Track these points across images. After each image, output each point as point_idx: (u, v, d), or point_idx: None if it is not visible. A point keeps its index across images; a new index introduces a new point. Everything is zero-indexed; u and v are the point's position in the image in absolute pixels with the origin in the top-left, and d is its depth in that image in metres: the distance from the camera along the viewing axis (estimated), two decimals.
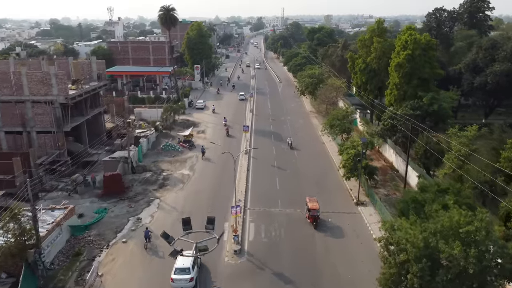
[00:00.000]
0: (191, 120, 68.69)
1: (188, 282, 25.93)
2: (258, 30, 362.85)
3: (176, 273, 26.22)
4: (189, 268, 26.22)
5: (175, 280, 26.02)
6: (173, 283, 26.09)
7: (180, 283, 25.99)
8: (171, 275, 26.27)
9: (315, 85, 72.64)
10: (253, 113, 73.99)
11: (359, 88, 60.63)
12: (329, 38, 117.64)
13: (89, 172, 44.66)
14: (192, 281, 26.03)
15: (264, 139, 58.79)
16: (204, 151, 51.85)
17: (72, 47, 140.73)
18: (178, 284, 26.04)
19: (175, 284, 26.08)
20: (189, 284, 25.96)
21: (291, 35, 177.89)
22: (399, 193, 41.50)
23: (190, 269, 26.21)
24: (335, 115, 50.65)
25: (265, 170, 47.09)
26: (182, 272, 26.18)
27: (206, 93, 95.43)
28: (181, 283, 25.98)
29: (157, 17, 78.95)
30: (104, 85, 54.89)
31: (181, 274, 26.12)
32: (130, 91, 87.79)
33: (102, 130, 56.48)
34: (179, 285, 26.03)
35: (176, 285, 26.07)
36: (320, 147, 55.94)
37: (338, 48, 79.17)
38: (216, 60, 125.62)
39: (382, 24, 57.36)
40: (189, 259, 26.20)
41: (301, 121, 70.33)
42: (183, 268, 26.26)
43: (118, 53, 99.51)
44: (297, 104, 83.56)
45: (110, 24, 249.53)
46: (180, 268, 26.33)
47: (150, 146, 53.80)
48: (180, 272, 26.20)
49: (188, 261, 26.40)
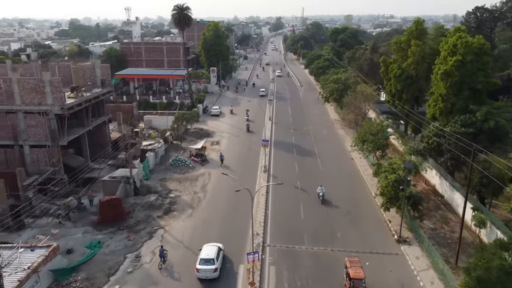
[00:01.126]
0: (204, 129, 62.92)
1: (213, 272, 27.04)
2: (277, 30, 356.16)
3: (201, 263, 27.27)
4: (213, 259, 27.36)
5: (200, 270, 27.08)
6: (198, 273, 27.12)
7: (204, 273, 27.05)
8: (196, 265, 27.25)
9: (341, 92, 65.96)
10: (273, 121, 67.80)
11: (392, 97, 53.73)
12: (353, 39, 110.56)
13: (86, 192, 39.33)
14: (216, 271, 27.15)
15: (285, 154, 52.50)
16: (222, 158, 48.39)
17: (86, 48, 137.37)
18: (203, 274, 27.10)
19: (200, 274, 27.13)
20: (213, 274, 27.07)
21: (311, 35, 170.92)
22: (448, 227, 34.78)
23: (214, 260, 27.36)
24: (367, 129, 43.99)
25: (287, 193, 40.84)
26: (206, 262, 27.23)
27: (222, 98, 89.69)
28: (206, 273, 27.04)
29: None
30: (109, 92, 49.55)
31: (206, 264, 27.16)
32: (142, 95, 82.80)
33: (106, 141, 51.19)
34: (204, 275, 27.09)
35: (201, 275, 27.12)
36: (349, 164, 49.37)
37: (367, 51, 72.22)
38: (233, 62, 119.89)
39: (421, 24, 50.41)
40: (213, 250, 28.14)
41: (325, 131, 63.77)
42: (207, 258, 27.35)
43: (131, 54, 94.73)
44: (320, 111, 76.97)
45: (127, 24, 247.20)
46: (205, 258, 27.43)
47: (158, 160, 48.19)
48: (204, 263, 27.25)
49: (213, 252, 27.88)
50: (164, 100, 76.98)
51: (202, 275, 27.11)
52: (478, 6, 74.42)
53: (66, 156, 45.83)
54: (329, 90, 67.14)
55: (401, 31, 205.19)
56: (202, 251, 28.18)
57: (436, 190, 41.53)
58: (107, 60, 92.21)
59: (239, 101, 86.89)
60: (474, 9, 74.16)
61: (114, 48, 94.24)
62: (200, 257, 27.72)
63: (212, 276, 27.06)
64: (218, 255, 28.11)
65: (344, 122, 67.57)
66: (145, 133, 59.29)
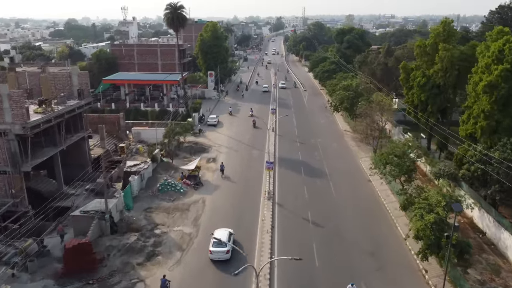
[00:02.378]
0: (200, 143, 55.99)
1: (225, 254, 28.65)
2: (277, 30, 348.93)
3: (214, 245, 28.79)
4: (225, 242, 28.55)
5: (213, 252, 28.74)
6: (211, 254, 28.80)
7: (217, 255, 28.69)
8: (209, 247, 28.93)
9: (352, 100, 59.09)
10: (276, 133, 60.90)
11: (415, 108, 46.85)
12: (360, 40, 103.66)
13: (54, 228, 32.53)
14: (228, 253, 28.70)
15: (292, 175, 45.61)
16: (223, 168, 44.58)
17: (78, 49, 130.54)
18: (216, 256, 28.74)
19: (213, 255, 28.79)
20: (225, 255, 28.68)
21: (314, 36, 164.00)
22: (500, 279, 27.92)
23: (226, 242, 28.61)
24: (391, 149, 37.07)
25: (296, 228, 33.99)
26: (219, 245, 28.51)
27: (220, 104, 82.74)
28: (218, 255, 28.68)
29: (163, 17, 66.94)
30: (88, 103, 42.63)
31: (218, 246, 28.62)
32: (133, 102, 75.94)
33: (86, 160, 44.34)
34: (217, 256, 28.73)
35: (214, 256, 28.77)
36: (367, 188, 42.50)
37: (380, 54, 65.35)
38: (233, 64, 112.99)
39: (449, 25, 43.60)
40: (225, 233, 29.67)
41: (335, 145, 56.87)
42: (220, 241, 27.97)
43: (122, 57, 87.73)
44: (328, 120, 70.05)
45: (124, 24, 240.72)
46: (217, 241, 28.30)
47: (144, 184, 41.27)
48: (217, 245, 28.61)
49: (225, 235, 29.34)
50: (156, 108, 70.08)
51: (215, 257, 28.77)
52: (502, 5, 67.74)
53: (36, 180, 39.05)
54: (338, 98, 60.25)
55: (406, 32, 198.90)
56: (215, 234, 29.23)
57: (475, 224, 34.70)
58: (96, 64, 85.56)
59: (239, 107, 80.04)
60: (498, 8, 67.44)
61: (104, 51, 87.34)
62: (213, 240, 28.87)
63: (224, 258, 28.72)
64: (230, 238, 29.60)
65: (355, 134, 60.68)
66: (133, 148, 52.44)
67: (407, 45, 66.54)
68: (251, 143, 56.10)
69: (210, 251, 28.90)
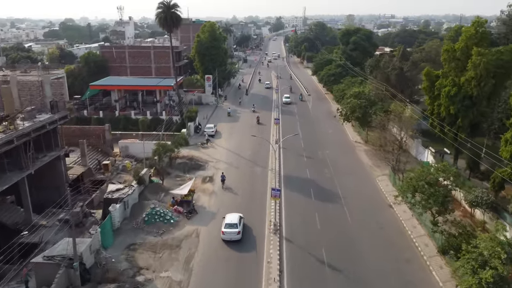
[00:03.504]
0: (195, 158, 49.88)
1: (236, 234, 31.07)
2: (277, 30, 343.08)
3: (226, 227, 31.28)
4: (236, 223, 31.54)
5: (226, 233, 31.13)
6: (224, 235, 31.17)
7: (229, 235, 31.10)
8: (222, 229, 31.30)
9: (364, 109, 53.13)
10: (280, 146, 54.90)
11: (441, 121, 40.85)
12: (367, 42, 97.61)
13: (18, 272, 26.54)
14: (239, 234, 31.17)
15: (300, 198, 39.57)
16: (224, 178, 41.65)
17: (69, 51, 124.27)
18: (228, 236, 31.13)
19: (225, 236, 31.15)
20: (236, 236, 31.08)
21: (316, 37, 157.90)
22: None
23: (237, 224, 31.54)
24: (421, 175, 30.99)
25: (309, 274, 27.96)
26: (231, 226, 31.31)
27: (219, 111, 76.73)
28: (230, 235, 31.10)
29: (155, 17, 60.88)
30: (63, 117, 36.54)
31: (230, 228, 31.23)
32: (123, 109, 69.93)
33: (62, 182, 38.38)
34: (229, 237, 31.12)
35: (226, 237, 31.15)
36: (388, 215, 36.51)
37: (394, 58, 59.34)
38: (232, 67, 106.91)
39: (483, 26, 37.64)
40: (236, 216, 32.49)
41: (346, 159, 50.84)
42: (231, 223, 31.45)
43: (113, 60, 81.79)
44: (336, 129, 64.00)
45: (120, 24, 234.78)
46: (229, 223, 31.48)
47: (128, 212, 35.19)
48: (229, 227, 31.29)
49: (236, 218, 32.12)
50: (148, 116, 64.02)
51: (227, 237, 30.98)
52: None
53: (1, 209, 33.06)
54: (349, 106, 54.20)
55: (411, 32, 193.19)
56: (226, 218, 32.07)
57: None
58: (85, 67, 79.56)
59: (238, 113, 74.07)
60: None
61: (93, 53, 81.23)
62: (225, 222, 31.61)
63: (235, 238, 30.94)
64: (240, 221, 32.05)
65: (368, 146, 54.78)
66: (119, 165, 46.38)
67: (424, 48, 60.63)
68: (253, 158, 50.07)
69: (222, 232, 31.22)
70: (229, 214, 33.37)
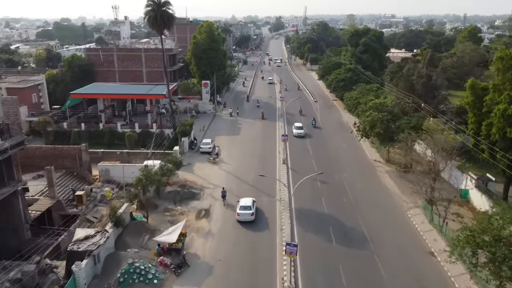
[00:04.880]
0: (189, 183, 41.92)
1: (250, 215, 34.06)
2: (277, 30, 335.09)
3: (241, 209, 34.31)
4: (250, 206, 34.74)
5: (241, 214, 34.07)
6: (239, 216, 34.10)
7: (244, 216, 34.03)
8: (237, 211, 34.43)
9: (387, 124, 45.41)
10: (288, 166, 47.15)
11: (492, 144, 33.11)
12: (377, 43, 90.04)
13: None
14: (253, 215, 34.17)
15: (318, 242, 31.75)
16: (225, 194, 38.24)
17: (58, 52, 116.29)
18: (242, 217, 34.02)
19: (240, 217, 34.09)
20: (250, 217, 34.10)
21: (320, 37, 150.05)
22: None
23: (251, 206, 34.73)
24: (483, 226, 23.17)
25: None
26: (245, 208, 34.35)
27: (217, 121, 69.06)
28: (245, 217, 34.04)
29: (143, 17, 53.02)
30: (18, 144, 28.65)
31: (245, 210, 34.25)
32: (110, 120, 62.13)
33: (20, 223, 30.59)
34: (243, 218, 34.02)
35: (241, 218, 34.04)
36: (430, 267, 28.73)
37: (419, 64, 51.55)
38: (231, 70, 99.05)
39: None
40: (249, 200, 35.70)
41: (368, 184, 43.04)
42: (245, 206, 34.58)
43: (100, 64, 73.91)
44: (350, 143, 56.24)
45: (115, 24, 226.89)
46: (243, 206, 34.59)
47: (100, 267, 27.32)
48: (244, 209, 34.32)
49: (249, 201, 35.33)
50: (137, 129, 56.17)
51: (242, 218, 34.05)
52: None
53: None
54: (369, 120, 46.42)
55: (417, 32, 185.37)
56: (241, 202, 35.28)
57: None
58: (69, 72, 71.72)
59: (239, 123, 66.37)
60: None
61: (78, 56, 73.26)
62: (240, 204, 34.82)
63: (249, 219, 34.06)
64: (253, 204, 35.21)
65: (391, 167, 47.11)
66: (96, 195, 38.53)
67: (455, 52, 53.01)
68: (258, 183, 42.20)
69: (237, 214, 34.10)
70: (243, 198, 36.29)
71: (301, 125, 59.18)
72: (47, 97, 67.16)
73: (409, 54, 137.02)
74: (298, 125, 58.44)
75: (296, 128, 57.68)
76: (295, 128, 57.64)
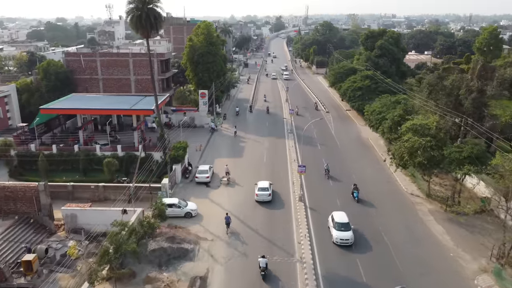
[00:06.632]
0: (179, 235, 32.02)
1: (268, 196, 37.54)
2: (278, 30, 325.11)
3: (259, 190, 37.82)
4: (267, 187, 38.11)
5: (259, 195, 37.61)
6: (257, 197, 37.68)
7: (262, 197, 37.55)
8: (255, 192, 37.87)
9: (430, 152, 35.72)
10: (306, 205, 37.46)
11: None
12: (395, 46, 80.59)
13: None
14: (270, 196, 37.68)
15: None
16: (229, 221, 32.63)
17: (42, 55, 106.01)
18: (261, 198, 37.54)
19: (258, 197, 37.62)
20: (268, 198, 37.58)
21: (326, 39, 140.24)
22: None
23: (268, 188, 38.12)
24: None
25: None
26: (263, 190, 37.84)
27: (216, 137, 59.45)
28: (263, 197, 37.54)
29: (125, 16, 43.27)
30: None
31: (263, 191, 37.71)
32: (90, 138, 52.40)
33: None
34: (261, 198, 37.54)
35: (259, 198, 37.58)
36: None
37: (466, 74, 41.80)
38: (231, 76, 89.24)
39: None
40: (267, 182, 38.97)
41: (410, 231, 33.31)
42: (263, 187, 38.06)
43: (81, 71, 64.05)
44: (376, 168, 46.61)
45: (109, 23, 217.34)
46: (261, 187, 38.06)
47: None
48: (262, 190, 37.82)
49: (267, 183, 38.76)
50: (119, 152, 46.38)
51: (260, 199, 37.56)
52: None
53: None
54: (407, 147, 36.64)
55: (427, 33, 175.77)
56: (259, 184, 38.63)
57: None
58: (44, 80, 61.90)
59: (243, 140, 56.68)
60: None
61: (55, 62, 63.39)
62: (258, 186, 38.22)
63: (267, 199, 37.53)
64: (270, 186, 38.49)
65: (433, 204, 37.55)
66: (53, 254, 28.74)
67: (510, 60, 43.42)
68: (269, 232, 32.59)
69: (256, 195, 37.69)
70: (261, 181, 39.41)
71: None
72: (17, 110, 57.43)
73: (422, 56, 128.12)
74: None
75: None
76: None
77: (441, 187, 41.07)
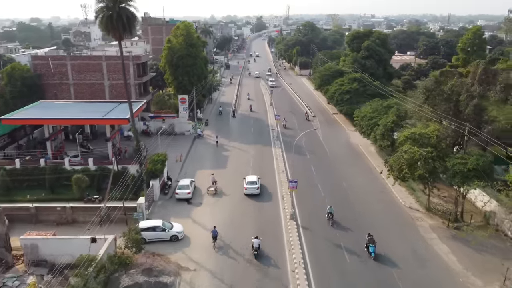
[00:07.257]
0: (156, 267, 28.11)
1: (256, 189, 38.50)
2: (259, 31, 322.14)
3: (248, 184, 38.79)
4: (255, 181, 39.12)
5: (248, 189, 38.48)
6: (246, 190, 38.57)
7: (251, 190, 38.43)
8: (244, 185, 38.95)
9: (432, 164, 32.91)
10: (298, 224, 34.12)
11: None
12: (382, 47, 78.29)
13: None
14: (258, 189, 38.73)
15: None
16: (216, 234, 30.32)
17: (11, 57, 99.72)
18: (249, 191, 38.41)
19: (247, 191, 38.52)
20: (256, 191, 38.55)
21: (309, 39, 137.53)
22: None
23: (256, 181, 39.15)
24: None
25: None
26: (251, 183, 38.79)
27: (198, 145, 55.68)
28: (251, 190, 38.43)
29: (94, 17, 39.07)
30: None
31: (251, 185, 38.68)
32: (60, 148, 47.94)
33: None
34: (250, 191, 38.42)
35: (248, 191, 38.47)
36: None
37: (466, 79, 39.18)
38: (213, 79, 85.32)
39: None
40: (255, 177, 39.99)
41: (412, 250, 30.44)
42: (252, 181, 38.98)
43: (50, 75, 59.15)
44: (372, 180, 43.57)
45: (85, 24, 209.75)
46: (250, 181, 39.01)
47: None
48: (250, 184, 38.78)
49: (255, 177, 39.80)
50: (91, 166, 42.07)
51: (249, 192, 38.38)
52: None
53: None
54: (407, 159, 33.71)
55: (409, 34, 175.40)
56: (247, 177, 39.80)
57: None
58: (8, 86, 56.88)
59: (226, 149, 53.01)
60: None
61: (21, 66, 58.35)
62: (247, 180, 39.23)
63: (255, 192, 38.47)
64: (258, 180, 39.63)
65: (434, 219, 34.77)
66: None
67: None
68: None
69: (245, 188, 38.57)
70: (249, 175, 40.66)
71: None
72: None
73: (405, 57, 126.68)
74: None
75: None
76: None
77: (440, 199, 38.36)
